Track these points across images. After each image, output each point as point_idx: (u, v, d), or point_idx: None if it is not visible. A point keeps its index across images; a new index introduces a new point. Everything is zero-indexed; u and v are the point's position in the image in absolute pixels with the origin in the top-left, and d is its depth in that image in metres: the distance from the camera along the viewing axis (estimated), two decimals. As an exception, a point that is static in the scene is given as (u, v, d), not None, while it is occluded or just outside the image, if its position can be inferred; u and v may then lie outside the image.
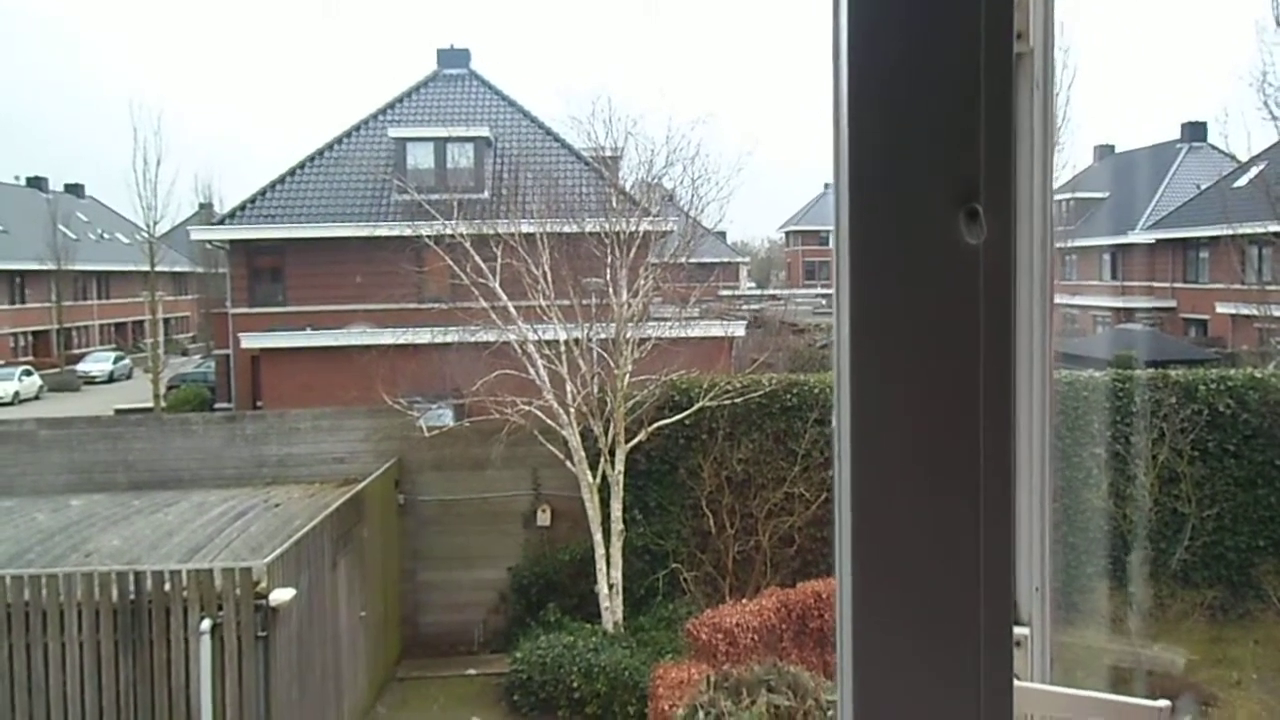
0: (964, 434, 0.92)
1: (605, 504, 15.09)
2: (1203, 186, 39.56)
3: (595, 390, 15.16)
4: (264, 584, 10.22)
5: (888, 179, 0.91)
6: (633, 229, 16.20)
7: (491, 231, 16.67)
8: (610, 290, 15.70)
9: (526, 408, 14.90)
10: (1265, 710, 12.98)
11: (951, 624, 0.93)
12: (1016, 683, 0.98)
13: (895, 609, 0.93)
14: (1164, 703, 1.08)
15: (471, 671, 15.48)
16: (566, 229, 16.92)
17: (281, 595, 10.30)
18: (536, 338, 15.28)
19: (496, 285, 15.72)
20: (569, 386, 14.95)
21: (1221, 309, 33.87)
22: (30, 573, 10.42)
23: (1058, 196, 35.63)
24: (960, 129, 0.89)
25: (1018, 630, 1.06)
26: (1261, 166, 31.47)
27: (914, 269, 0.91)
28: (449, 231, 16.75)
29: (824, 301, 44.60)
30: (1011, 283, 0.93)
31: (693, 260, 18.82)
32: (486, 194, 25.12)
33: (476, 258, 15.83)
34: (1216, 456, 15.82)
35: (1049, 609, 1.13)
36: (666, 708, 10.87)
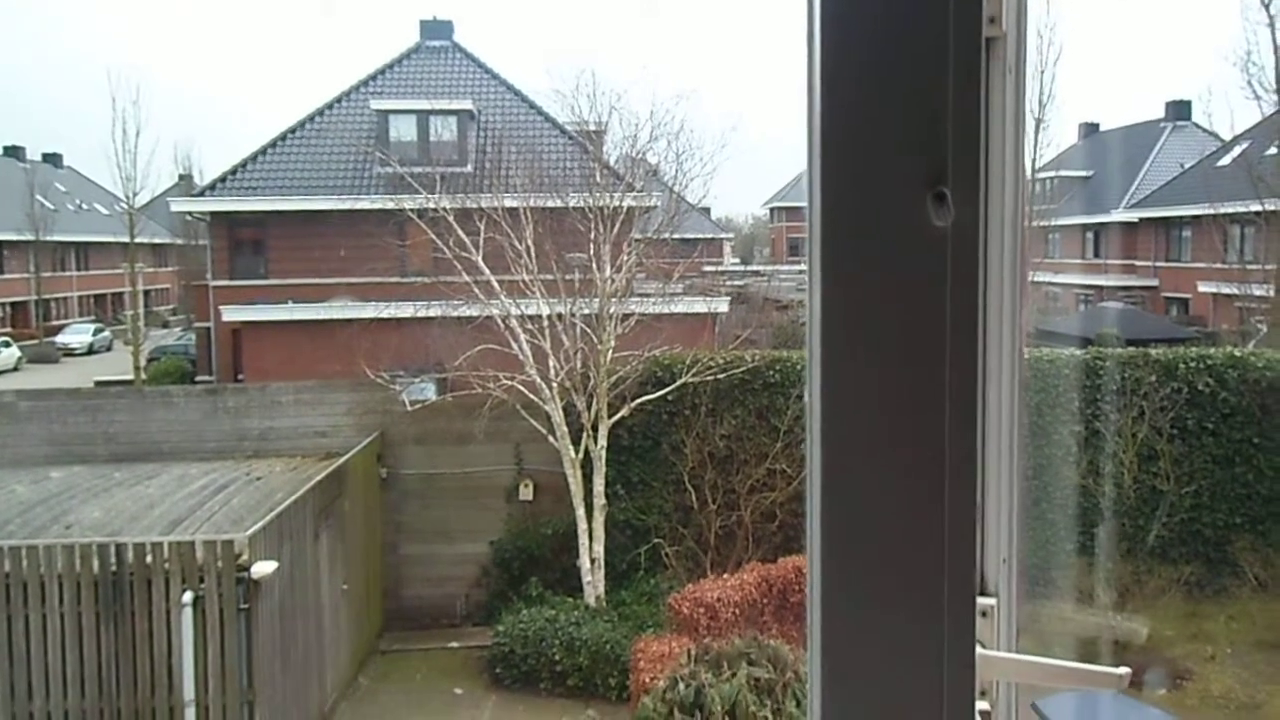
0: (929, 411, 0.94)
1: (588, 479, 15.13)
2: (1186, 165, 39.71)
3: (578, 365, 15.17)
4: (246, 556, 10.23)
5: (857, 161, 0.93)
6: (616, 204, 16.17)
7: (475, 205, 16.60)
8: (593, 265, 15.68)
9: (509, 382, 14.90)
10: (1239, 684, 13.15)
11: (916, 594, 0.96)
12: (982, 650, 1.01)
13: (862, 579, 0.96)
14: (1124, 670, 1.11)
15: (454, 644, 15.55)
16: (550, 203, 16.87)
17: (263, 568, 10.31)
18: (519, 312, 15.26)
19: (479, 259, 15.68)
20: (552, 361, 14.96)
21: (1203, 288, 34.08)
22: (10, 544, 10.39)
23: (1041, 175, 35.72)
24: (928, 112, 0.92)
25: (985, 601, 1.09)
26: (1245, 146, 31.64)
27: (882, 250, 0.93)
28: (432, 205, 16.69)
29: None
30: (979, 264, 0.95)
31: (676, 236, 18.80)
32: (470, 168, 25.05)
33: (459, 232, 15.78)
34: (1195, 434, 15.96)
35: (1016, 580, 1.16)
36: (647, 680, 10.95)
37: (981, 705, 1.03)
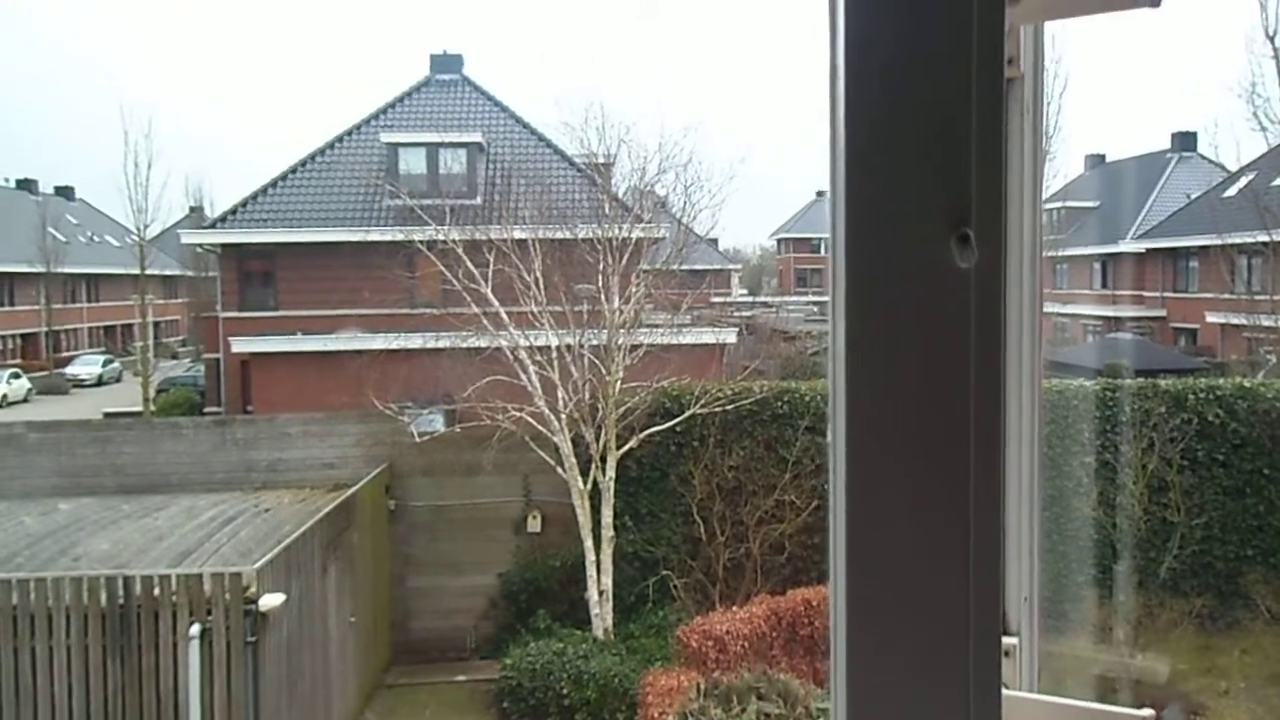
0: (955, 449, 0.94)
1: (596, 510, 15.09)
2: (1193, 196, 39.77)
3: (587, 397, 15.17)
4: (254, 589, 10.21)
5: (881, 204, 0.94)
6: (625, 236, 16.22)
7: (484, 237, 16.67)
8: (602, 297, 15.72)
9: (518, 414, 14.90)
10: (1253, 719, 13.03)
11: (941, 634, 0.96)
12: (1005, 692, 1.00)
13: (887, 619, 0.96)
14: (1148, 712, 1.10)
15: (461, 678, 15.47)
16: (559, 235, 16.95)
17: (271, 601, 10.28)
18: (528, 344, 15.29)
19: (488, 291, 15.73)
20: (560, 393, 14.96)
21: (1211, 318, 34.02)
22: (19, 577, 10.38)
23: (1048, 206, 35.81)
24: (952, 156, 0.92)
25: (1007, 640, 1.09)
26: (1251, 177, 31.67)
27: (906, 291, 0.94)
28: (441, 237, 16.76)
29: (815, 309, 44.64)
30: (1001, 304, 0.96)
31: (685, 267, 18.86)
32: (479, 200, 25.15)
33: (469, 263, 15.84)
34: (1205, 465, 15.88)
35: (1038, 619, 1.15)
36: (656, 715, 10.88)
37: (1006, 747, 1.02)
